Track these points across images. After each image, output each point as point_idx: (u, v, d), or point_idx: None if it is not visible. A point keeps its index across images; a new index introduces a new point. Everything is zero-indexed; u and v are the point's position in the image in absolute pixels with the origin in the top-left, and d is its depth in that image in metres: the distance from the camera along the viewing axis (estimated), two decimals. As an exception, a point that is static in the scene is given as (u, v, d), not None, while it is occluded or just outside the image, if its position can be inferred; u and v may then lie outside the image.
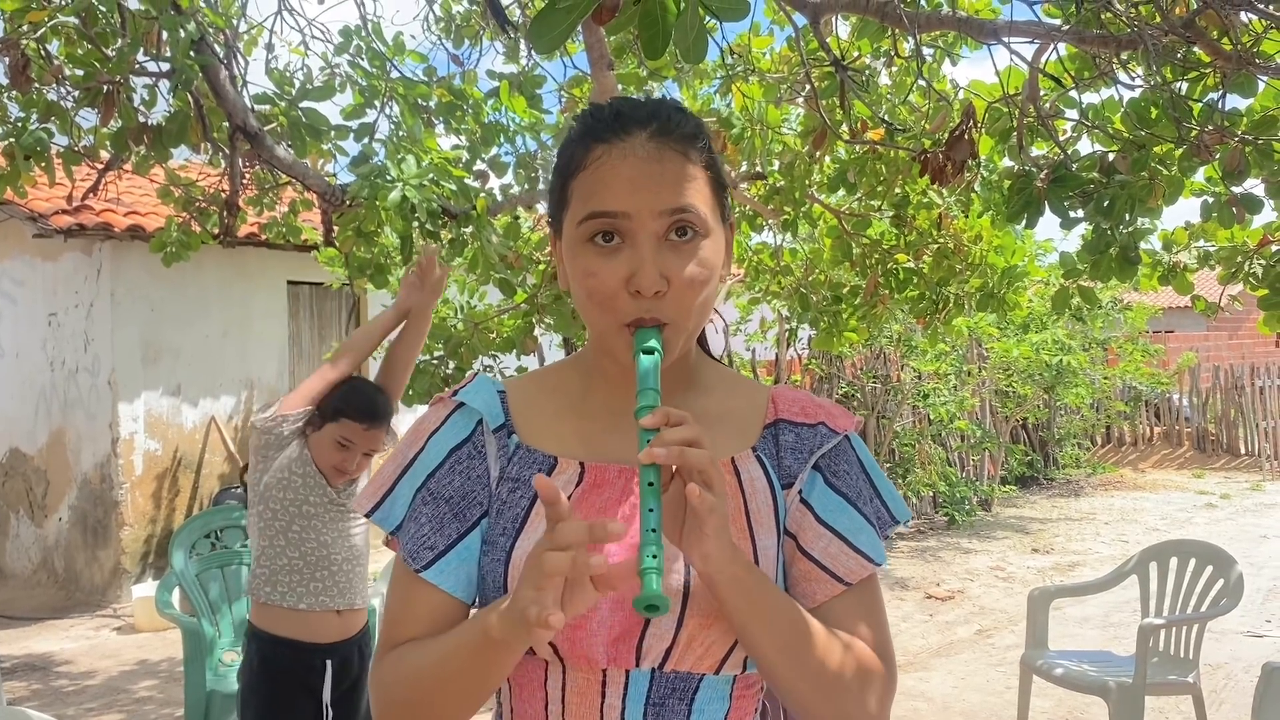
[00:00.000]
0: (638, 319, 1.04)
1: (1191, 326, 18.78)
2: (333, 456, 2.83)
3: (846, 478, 1.15)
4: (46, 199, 7.22)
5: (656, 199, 1.03)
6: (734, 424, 1.16)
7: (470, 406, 1.15)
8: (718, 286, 1.10)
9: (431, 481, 1.11)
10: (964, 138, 3.38)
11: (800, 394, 1.20)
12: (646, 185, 1.04)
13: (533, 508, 1.09)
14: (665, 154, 1.05)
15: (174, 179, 5.02)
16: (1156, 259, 4.18)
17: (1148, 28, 2.73)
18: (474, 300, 5.20)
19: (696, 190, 1.06)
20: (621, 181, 1.04)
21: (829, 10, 3.35)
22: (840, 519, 1.13)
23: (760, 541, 1.09)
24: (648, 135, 1.06)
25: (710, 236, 1.07)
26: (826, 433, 1.16)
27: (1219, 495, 11.84)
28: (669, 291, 1.04)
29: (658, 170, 1.04)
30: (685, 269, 1.04)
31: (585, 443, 1.13)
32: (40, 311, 8.27)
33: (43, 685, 5.71)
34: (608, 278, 1.04)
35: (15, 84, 3.60)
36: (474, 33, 5.17)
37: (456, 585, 1.09)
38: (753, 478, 1.12)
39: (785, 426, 1.16)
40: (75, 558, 8.01)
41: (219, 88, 3.73)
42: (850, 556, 1.11)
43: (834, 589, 1.10)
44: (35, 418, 8.35)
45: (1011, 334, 11.05)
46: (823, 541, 1.11)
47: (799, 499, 1.13)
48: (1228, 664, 5.79)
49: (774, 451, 1.15)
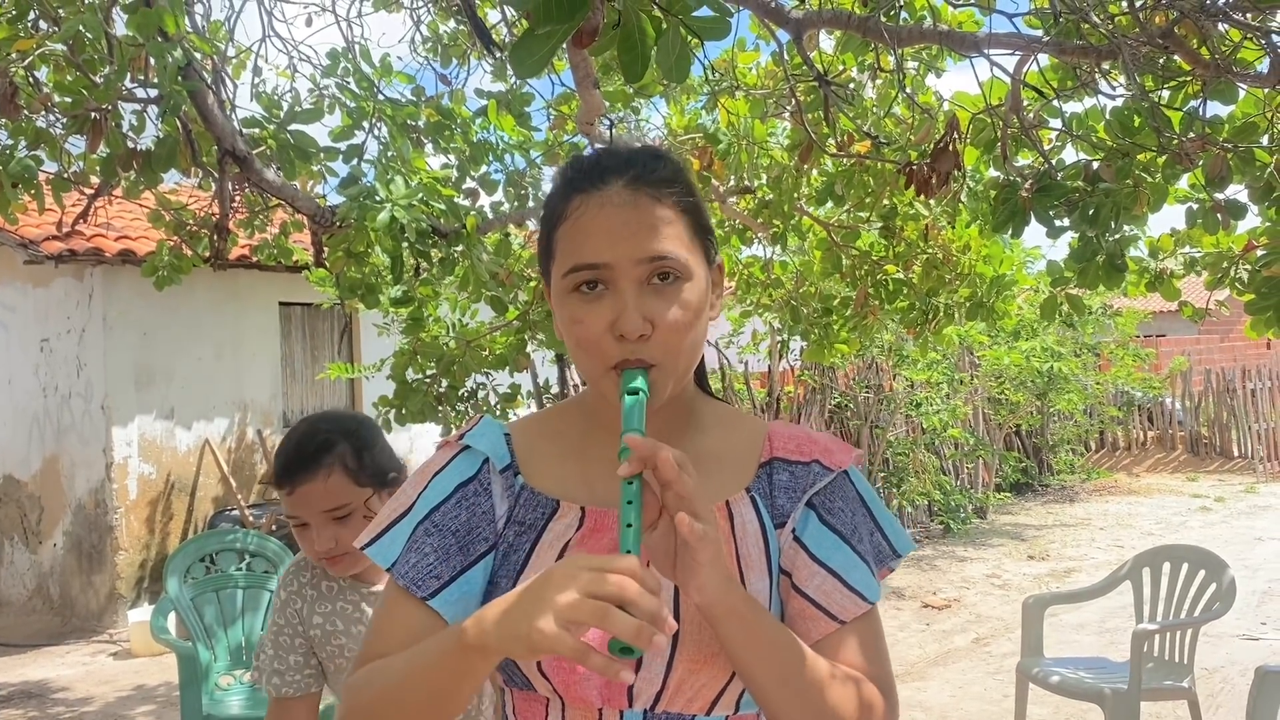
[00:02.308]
0: (623, 360, 1.06)
1: (1183, 330, 18.84)
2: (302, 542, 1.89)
3: (842, 514, 1.15)
4: (37, 225, 7.23)
5: (634, 247, 1.06)
6: (729, 464, 1.17)
7: (476, 449, 1.16)
8: (706, 326, 1.12)
9: (436, 514, 1.13)
10: (948, 149, 3.40)
11: (797, 431, 1.20)
12: (624, 235, 1.06)
13: (533, 551, 1.12)
14: (640, 201, 1.07)
15: (164, 203, 5.04)
16: (1143, 266, 4.21)
17: (1126, 38, 2.76)
18: (466, 318, 5.21)
19: (674, 235, 1.08)
20: (600, 232, 1.06)
21: (811, 26, 3.37)
22: (834, 556, 1.12)
23: (752, 586, 1.10)
24: (624, 184, 1.08)
25: (692, 279, 1.09)
26: (820, 470, 1.16)
27: (1213, 498, 11.86)
28: (654, 334, 1.05)
29: (634, 218, 1.06)
30: (668, 312, 1.06)
31: (587, 486, 1.15)
32: (32, 337, 8.26)
33: (40, 712, 5.69)
34: (593, 324, 1.06)
35: (3, 111, 3.61)
36: (461, 52, 5.20)
37: (455, 618, 1.09)
38: (745, 520, 1.13)
39: (780, 465, 1.17)
40: (70, 583, 7.99)
41: (207, 112, 3.75)
42: (844, 594, 1.11)
43: (828, 626, 1.10)
44: (29, 444, 8.33)
45: (1003, 341, 11.08)
46: (816, 579, 1.11)
47: (792, 537, 1.13)
48: (1223, 667, 5.80)
49: (767, 491, 1.16)
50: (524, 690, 1.11)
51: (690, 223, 1.11)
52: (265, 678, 1.84)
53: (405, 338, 5.08)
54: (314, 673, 1.84)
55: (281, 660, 1.83)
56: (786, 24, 3.23)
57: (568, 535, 1.11)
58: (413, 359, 4.98)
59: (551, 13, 1.31)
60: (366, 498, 1.81)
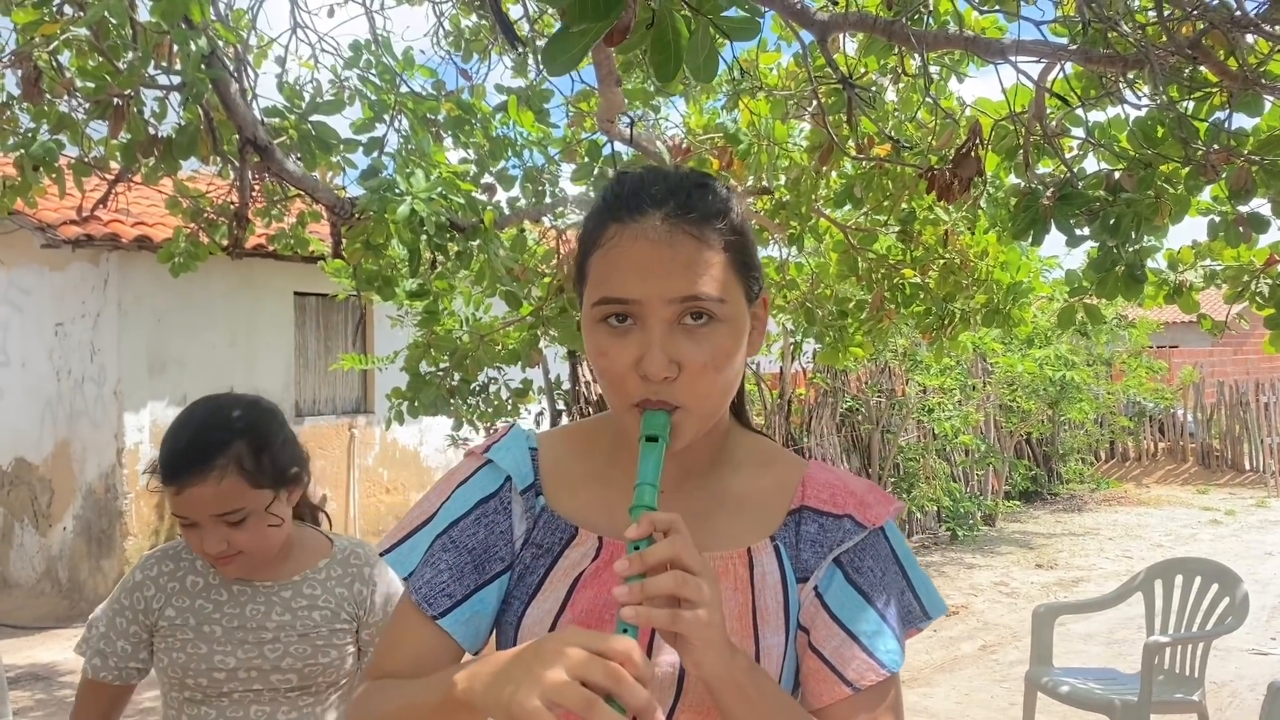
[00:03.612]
0: (644, 400, 1.01)
1: (1196, 342, 18.75)
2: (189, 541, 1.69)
3: (870, 574, 1.09)
4: (55, 209, 7.25)
5: (666, 286, 1.00)
6: (756, 509, 1.12)
7: (499, 465, 1.14)
8: (742, 367, 1.06)
9: (454, 530, 1.11)
10: (970, 155, 3.39)
11: (834, 477, 1.14)
12: (656, 272, 1.00)
13: (547, 577, 1.09)
14: (678, 238, 1.01)
15: (183, 190, 5.05)
16: (1162, 278, 4.19)
17: (1154, 48, 2.75)
18: (480, 313, 5.21)
19: (712, 276, 1.02)
20: (632, 267, 1.01)
21: (836, 28, 3.36)
22: (856, 619, 1.07)
23: (765, 640, 1.06)
24: (662, 216, 1.02)
25: (728, 321, 1.03)
26: (852, 527, 1.09)
27: (1223, 511, 11.81)
28: (680, 377, 1.00)
29: (669, 255, 1.00)
30: (697, 355, 1.00)
31: (607, 512, 1.11)
32: (47, 321, 8.29)
33: (46, 695, 5.71)
34: (617, 358, 1.01)
35: (27, 95, 3.63)
36: (483, 47, 5.20)
37: (465, 637, 1.09)
38: (765, 572, 1.08)
39: (809, 515, 1.11)
40: (79, 567, 8.02)
41: (229, 101, 3.75)
42: (861, 659, 1.05)
43: (841, 691, 1.05)
44: (41, 427, 8.36)
45: (1016, 349, 11.05)
46: (834, 641, 1.06)
47: (814, 593, 1.08)
48: (1232, 682, 5.78)
49: (793, 541, 1.10)
50: None
51: (732, 260, 1.04)
52: (88, 654, 1.74)
53: (419, 330, 5.09)
54: (139, 666, 1.73)
55: (109, 643, 1.72)
56: (811, 25, 3.21)
57: (583, 565, 1.08)
58: (426, 352, 4.99)
59: (586, 11, 1.30)
60: (267, 502, 1.64)
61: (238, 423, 1.66)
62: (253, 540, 1.63)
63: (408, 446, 9.62)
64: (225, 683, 1.66)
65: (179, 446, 1.64)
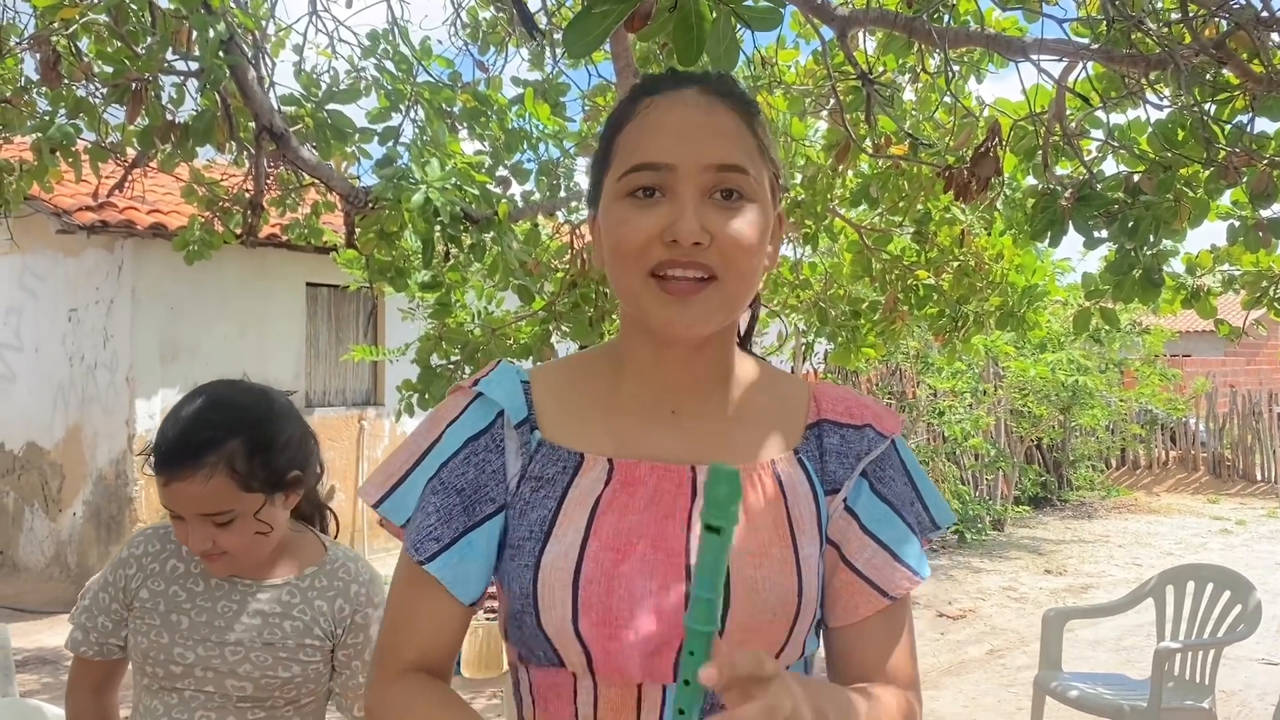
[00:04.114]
0: (670, 260, 0.96)
1: (1209, 351, 18.67)
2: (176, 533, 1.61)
3: (892, 484, 1.08)
4: (71, 195, 7.27)
5: (704, 150, 0.97)
6: (772, 422, 1.08)
7: (490, 398, 1.06)
8: (763, 263, 1.02)
9: (444, 471, 1.03)
10: (989, 154, 3.37)
11: (844, 392, 1.13)
12: (695, 135, 0.97)
13: (560, 509, 1.01)
14: (717, 109, 0.99)
15: (198, 178, 5.05)
16: (1180, 282, 4.16)
17: (1179, 48, 2.72)
18: (492, 306, 5.20)
19: (748, 153, 0.99)
20: (668, 131, 0.98)
21: (856, 24, 3.34)
22: (885, 529, 1.06)
23: (803, 550, 1.02)
24: (699, 89, 1.00)
25: (759, 203, 0.99)
26: (874, 436, 1.08)
27: (1234, 521, 11.75)
28: (712, 244, 0.96)
29: (708, 122, 0.98)
30: (730, 224, 0.96)
31: (615, 438, 1.05)
32: (61, 306, 8.32)
33: (53, 679, 5.73)
34: (641, 225, 0.96)
35: (45, 80, 3.63)
36: (500, 39, 5.19)
37: (455, 581, 1.01)
38: (794, 481, 1.05)
39: (829, 428, 1.08)
40: (88, 553, 8.05)
41: (246, 88, 3.75)
42: (895, 569, 1.05)
43: (878, 603, 1.04)
44: (53, 412, 8.39)
45: (1029, 354, 11.00)
46: (867, 552, 1.05)
47: (843, 506, 1.06)
48: (1242, 690, 5.74)
49: (817, 454, 1.07)
50: (546, 666, 1.00)
51: (761, 146, 1.02)
52: (73, 627, 1.70)
53: (431, 323, 5.08)
54: (120, 644, 1.67)
55: (91, 618, 1.67)
56: (832, 21, 3.20)
57: (596, 490, 1.01)
58: (438, 344, 4.98)
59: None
60: (256, 507, 1.54)
61: (237, 419, 1.55)
62: (238, 543, 1.54)
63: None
64: (180, 677, 1.58)
65: (170, 438, 1.53)
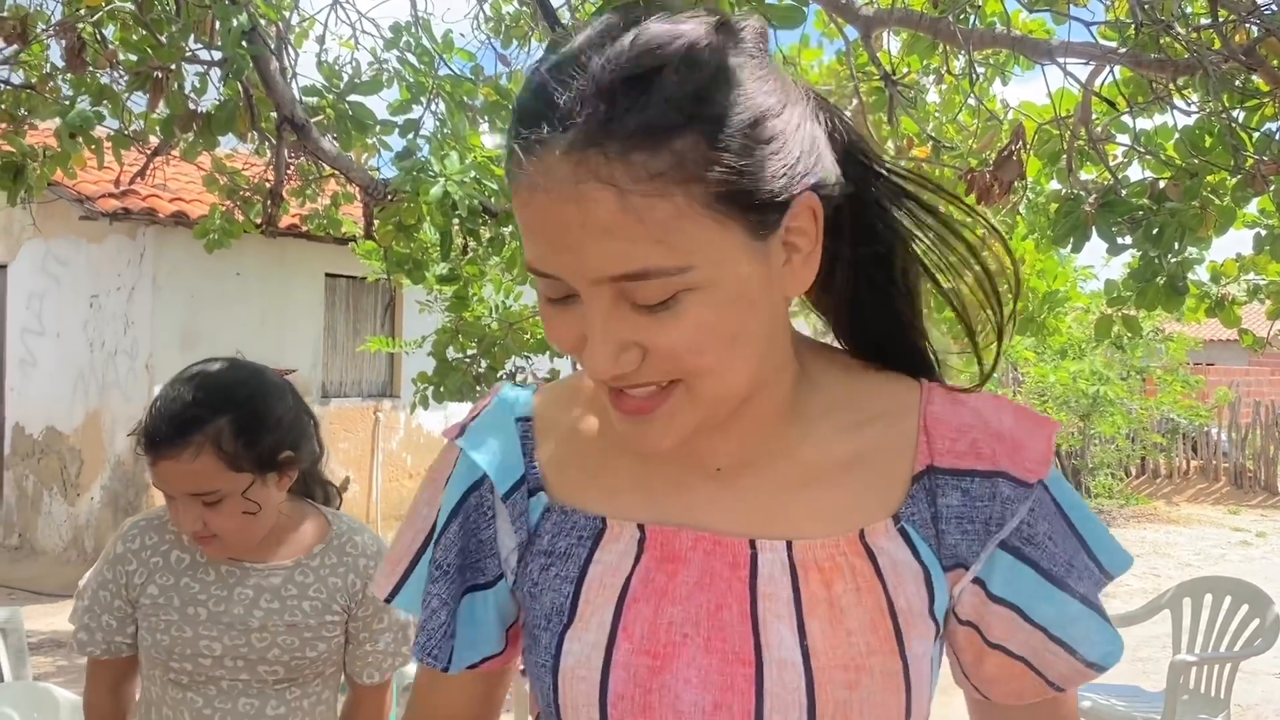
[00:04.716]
0: (616, 389, 0.72)
1: (1232, 360, 18.50)
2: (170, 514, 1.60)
3: (1048, 546, 0.78)
4: (94, 182, 7.31)
5: (586, 263, 0.66)
6: (864, 475, 0.78)
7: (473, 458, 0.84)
8: (756, 325, 0.72)
9: (438, 551, 0.84)
10: (1012, 158, 3.34)
11: (968, 412, 0.79)
12: (566, 241, 0.66)
13: (579, 593, 0.78)
14: (588, 189, 0.63)
15: (220, 167, 5.07)
16: (1204, 290, 4.12)
17: (1208, 53, 2.69)
18: (509, 300, 5.20)
19: (654, 237, 0.64)
20: (536, 234, 0.68)
21: (881, 24, 3.32)
22: (1042, 606, 0.77)
23: (913, 650, 0.76)
24: (564, 149, 0.64)
25: (710, 288, 0.67)
26: (1012, 493, 0.76)
27: (1254, 533, 11.63)
28: (648, 360, 0.69)
29: (576, 217, 0.64)
30: (661, 338, 0.68)
31: (646, 495, 0.80)
32: (83, 293, 8.37)
33: (68, 661, 5.77)
34: (563, 337, 0.71)
35: (70, 66, 3.66)
36: (522, 33, 5.19)
37: (482, 678, 0.87)
38: (896, 560, 0.76)
39: (945, 480, 0.77)
40: (105, 537, 8.10)
41: (269, 78, 3.76)
42: (1061, 658, 0.78)
43: (1044, 691, 0.80)
44: (72, 397, 8.45)
45: (1049, 359, 10.93)
46: (1023, 633, 0.78)
47: (974, 584, 0.78)
48: (1258, 705, 5.68)
49: (928, 518, 0.77)
50: None
51: (709, 195, 0.65)
52: (76, 628, 1.66)
53: (448, 316, 5.09)
54: (128, 640, 1.64)
55: (94, 617, 1.64)
56: (856, 20, 3.18)
57: (624, 566, 0.77)
58: (454, 337, 4.98)
59: (628, -13, 1.28)
60: (244, 486, 1.50)
61: (225, 398, 1.52)
62: (228, 524, 1.50)
63: (432, 432, 9.64)
64: (211, 669, 1.57)
65: (158, 416, 1.50)
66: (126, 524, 1.69)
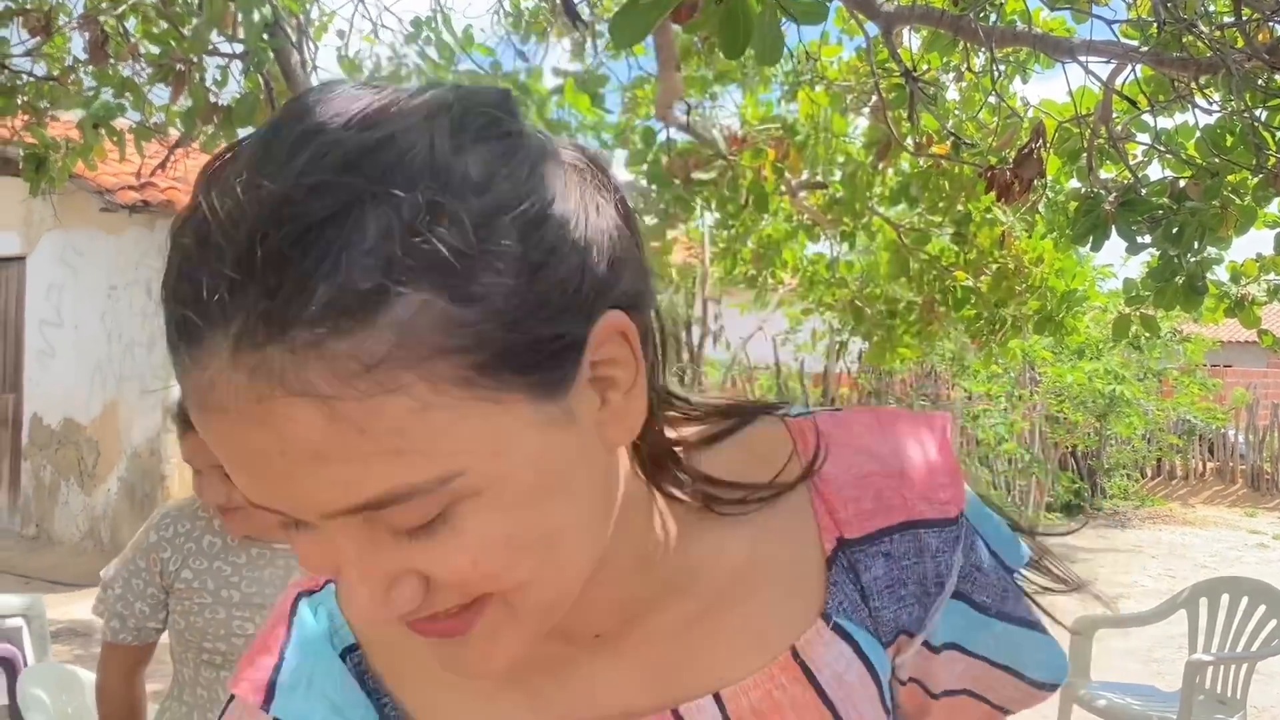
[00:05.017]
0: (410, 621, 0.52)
1: (1251, 361, 18.38)
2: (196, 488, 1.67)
3: (977, 576, 0.66)
4: (114, 174, 7.36)
5: (299, 499, 0.46)
6: (771, 577, 0.63)
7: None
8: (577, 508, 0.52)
9: None
10: (1032, 156, 3.33)
11: (853, 454, 0.64)
12: (271, 478, 0.46)
13: None
14: (275, 408, 0.43)
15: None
16: (1223, 290, 4.10)
17: (1231, 52, 2.68)
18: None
19: (402, 436, 0.44)
20: (232, 464, 0.47)
21: (902, 21, 3.31)
22: (981, 638, 0.67)
23: None
24: (230, 352, 0.43)
25: (490, 491, 0.47)
26: (939, 541, 0.64)
27: (1271, 535, 11.56)
28: (435, 586, 0.50)
29: (273, 445, 0.44)
30: (446, 563, 0.48)
31: (526, 689, 0.63)
32: (101, 284, 8.42)
33: (84, 651, 5.81)
34: (320, 565, 0.50)
35: (93, 59, 3.68)
36: (541, 29, 5.20)
37: None
38: (836, 671, 0.62)
39: (862, 551, 0.63)
40: (121, 528, 8.15)
41: (290, 71, 3.78)
42: (1008, 683, 0.69)
43: (991, 716, 0.71)
44: (90, 388, 8.51)
45: (1066, 359, 10.89)
46: (962, 665, 0.68)
47: (919, 645, 0.66)
48: (1275, 706, 5.66)
49: (857, 600, 0.63)
50: None
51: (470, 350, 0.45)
52: (107, 616, 1.71)
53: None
54: (158, 626, 1.71)
55: (127, 605, 1.69)
56: (877, 17, 3.17)
57: None
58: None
59: (656, -18, 1.29)
60: None
61: None
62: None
63: None
64: (245, 649, 1.61)
65: None
66: (157, 514, 1.76)
